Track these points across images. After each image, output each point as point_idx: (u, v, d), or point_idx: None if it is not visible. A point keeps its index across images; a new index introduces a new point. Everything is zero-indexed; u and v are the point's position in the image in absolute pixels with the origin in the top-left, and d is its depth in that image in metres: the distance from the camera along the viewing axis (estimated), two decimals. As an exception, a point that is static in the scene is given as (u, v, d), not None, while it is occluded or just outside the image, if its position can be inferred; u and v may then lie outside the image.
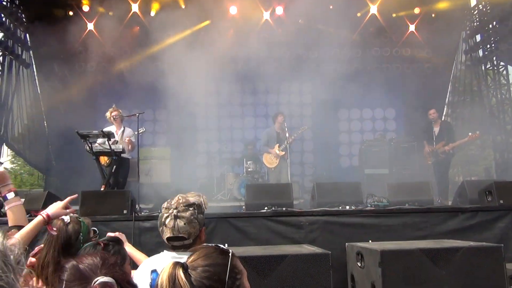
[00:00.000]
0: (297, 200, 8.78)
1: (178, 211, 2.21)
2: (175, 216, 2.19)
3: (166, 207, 2.26)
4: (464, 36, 12.76)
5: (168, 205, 2.27)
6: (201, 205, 2.31)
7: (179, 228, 2.18)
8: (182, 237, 2.19)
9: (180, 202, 2.25)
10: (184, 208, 2.22)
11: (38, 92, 11.73)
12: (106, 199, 5.71)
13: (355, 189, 6.47)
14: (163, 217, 2.23)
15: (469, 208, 5.76)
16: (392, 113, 13.56)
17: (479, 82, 12.65)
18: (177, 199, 2.28)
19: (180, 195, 2.32)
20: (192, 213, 2.22)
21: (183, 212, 2.21)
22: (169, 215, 2.21)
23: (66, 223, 2.61)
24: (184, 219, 2.19)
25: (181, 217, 2.19)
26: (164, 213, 2.24)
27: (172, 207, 2.23)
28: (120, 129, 7.75)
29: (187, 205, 2.24)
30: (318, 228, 5.51)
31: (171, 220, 2.19)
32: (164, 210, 2.26)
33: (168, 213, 2.22)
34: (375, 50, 12.09)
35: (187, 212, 2.21)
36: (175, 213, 2.20)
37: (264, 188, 6.85)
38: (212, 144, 12.89)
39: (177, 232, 2.18)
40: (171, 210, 2.22)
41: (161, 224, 2.24)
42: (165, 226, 2.21)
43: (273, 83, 12.92)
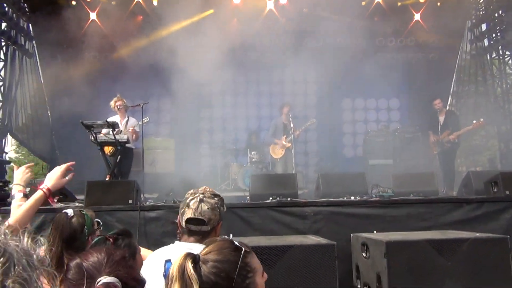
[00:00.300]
0: (301, 190, 8.77)
1: (204, 196, 2.28)
2: (201, 199, 2.26)
3: (192, 193, 2.32)
4: (469, 25, 12.63)
5: (194, 191, 2.34)
6: (224, 201, 2.39)
7: (202, 211, 2.23)
8: (202, 221, 2.23)
9: (207, 190, 2.34)
10: (210, 195, 2.31)
11: (41, 82, 11.72)
12: (111, 189, 5.72)
13: (360, 179, 6.46)
14: (187, 200, 2.29)
15: (475, 199, 5.74)
16: (396, 103, 13.50)
17: (484, 72, 12.56)
18: (205, 187, 2.37)
19: (207, 186, 2.41)
20: (216, 202, 2.30)
21: (209, 198, 2.28)
22: (195, 198, 2.27)
23: (69, 217, 2.60)
24: (209, 204, 2.26)
25: (206, 201, 2.26)
26: (189, 197, 2.30)
27: (199, 192, 2.31)
28: (124, 119, 7.75)
29: (213, 194, 2.33)
30: (323, 218, 5.50)
31: (196, 202, 2.25)
32: (190, 195, 2.32)
33: (194, 196, 2.28)
34: (380, 40, 12.00)
35: (213, 199, 2.29)
36: (201, 197, 2.27)
37: (269, 178, 6.84)
38: (216, 134, 12.88)
39: (199, 214, 2.22)
40: (198, 194, 2.29)
41: (183, 206, 2.29)
42: (187, 207, 2.26)
43: (277, 72, 12.88)
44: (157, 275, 1.91)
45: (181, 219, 2.29)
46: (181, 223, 2.28)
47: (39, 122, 11.71)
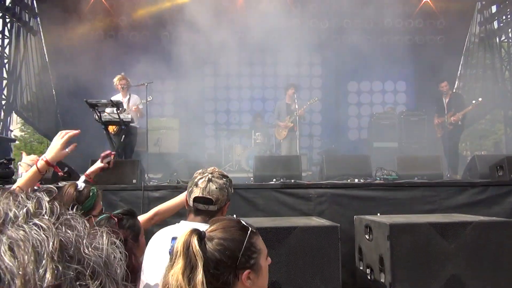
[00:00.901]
0: (306, 172, 8.79)
1: (213, 176, 2.28)
2: (209, 179, 2.26)
3: (201, 172, 2.33)
4: (479, 7, 12.41)
5: (203, 170, 2.34)
6: (232, 183, 2.38)
7: (210, 190, 2.23)
8: (210, 200, 2.23)
9: (216, 171, 2.34)
10: (219, 175, 2.31)
11: (46, 60, 11.66)
12: (116, 169, 5.71)
13: (364, 162, 6.44)
14: (196, 179, 2.29)
15: (480, 183, 5.72)
16: (402, 86, 13.38)
17: (493, 55, 12.38)
18: (213, 168, 2.38)
19: (215, 167, 2.41)
20: (225, 182, 2.30)
21: (217, 179, 2.28)
22: (203, 177, 2.27)
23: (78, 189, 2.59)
24: (217, 184, 2.26)
25: (215, 181, 2.26)
26: (197, 176, 2.30)
27: (207, 172, 2.31)
28: (126, 97, 7.72)
29: (222, 175, 2.33)
30: (326, 200, 5.51)
31: (205, 181, 2.25)
32: (199, 174, 2.32)
33: (203, 176, 2.29)
34: (388, 21, 11.80)
35: (221, 180, 2.29)
36: (209, 177, 2.27)
37: (273, 160, 6.84)
38: (220, 115, 12.85)
39: (207, 193, 2.23)
40: (206, 174, 2.29)
41: (192, 184, 2.29)
42: (195, 186, 2.26)
43: (282, 54, 12.74)
44: (163, 252, 1.92)
45: (188, 197, 2.29)
46: (189, 202, 2.29)
47: (44, 100, 11.70)
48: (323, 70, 13.13)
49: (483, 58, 12.72)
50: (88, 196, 2.59)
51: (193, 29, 10.10)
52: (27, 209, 0.62)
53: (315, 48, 12.27)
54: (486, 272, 4.01)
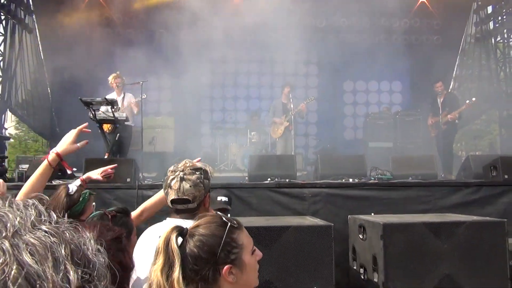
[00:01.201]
0: (300, 172, 8.79)
1: (184, 174, 2.20)
2: (181, 178, 2.19)
3: (173, 170, 2.25)
4: (475, 8, 12.44)
5: (174, 168, 2.26)
6: (208, 171, 2.31)
7: (185, 190, 2.17)
8: (187, 200, 2.18)
9: (187, 166, 2.25)
10: (191, 171, 2.22)
11: (41, 58, 11.61)
12: (110, 167, 5.71)
13: (359, 161, 6.45)
14: (168, 179, 2.22)
15: (473, 183, 5.75)
16: (398, 86, 13.40)
17: (488, 56, 12.42)
18: (184, 163, 2.29)
19: (187, 160, 2.33)
20: (198, 176, 2.22)
21: (189, 175, 2.20)
22: (175, 177, 2.20)
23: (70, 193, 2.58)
24: (190, 182, 2.18)
25: (187, 179, 2.19)
26: (170, 176, 2.23)
27: (178, 170, 2.23)
28: (120, 95, 7.70)
29: (193, 169, 2.24)
30: (321, 200, 5.51)
31: (177, 182, 2.18)
32: (170, 173, 2.25)
33: (174, 175, 2.21)
34: (384, 20, 11.81)
35: (194, 175, 2.21)
36: (181, 175, 2.19)
37: (268, 159, 6.83)
38: (216, 113, 12.84)
39: (182, 194, 2.17)
40: (178, 173, 2.21)
41: (166, 186, 2.23)
42: (170, 188, 2.20)
43: (279, 52, 12.72)
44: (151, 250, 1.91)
45: (166, 199, 2.25)
46: (168, 203, 2.25)
47: (39, 98, 11.65)
48: (319, 69, 13.13)
49: (479, 58, 12.75)
50: (78, 201, 2.57)
51: (189, 27, 10.08)
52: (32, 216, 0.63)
53: (312, 47, 12.26)
54: (479, 272, 4.02)
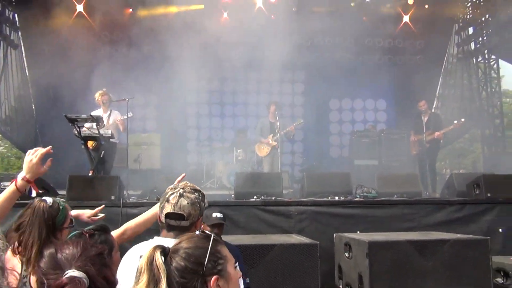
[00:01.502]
0: (287, 189, 8.78)
1: (184, 191, 2.24)
2: (181, 194, 2.22)
3: (173, 187, 2.29)
4: (456, 29, 12.76)
5: (174, 185, 2.31)
6: (205, 196, 2.35)
7: (182, 206, 2.20)
8: (182, 215, 2.20)
9: (188, 185, 2.30)
10: (191, 190, 2.27)
11: (26, 74, 11.52)
12: (94, 185, 5.65)
13: (345, 179, 6.48)
14: (167, 195, 2.25)
15: (457, 201, 5.81)
16: (383, 104, 13.58)
17: (470, 75, 12.70)
18: (185, 183, 2.34)
19: (187, 182, 2.38)
20: (196, 196, 2.26)
21: (189, 193, 2.24)
22: (175, 193, 2.24)
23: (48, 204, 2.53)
24: (189, 199, 2.22)
25: (187, 196, 2.23)
26: (169, 191, 2.27)
27: (179, 187, 2.28)
28: (107, 112, 7.65)
29: (193, 189, 2.29)
30: (307, 218, 5.51)
31: (176, 197, 2.22)
32: (170, 189, 2.28)
33: (174, 191, 2.25)
34: (368, 40, 12.03)
35: (193, 194, 2.25)
36: (181, 192, 2.23)
37: (254, 177, 6.83)
38: (202, 131, 12.84)
39: (178, 208, 2.19)
40: (178, 189, 2.25)
41: (163, 200, 2.25)
42: (167, 202, 2.23)
43: (265, 71, 12.85)
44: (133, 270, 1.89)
45: (160, 214, 2.26)
46: (161, 218, 2.26)
47: (23, 115, 11.52)
48: (305, 88, 13.27)
49: (461, 78, 13.03)
50: (59, 210, 2.54)
51: (176, 45, 10.12)
52: None
53: (298, 66, 12.41)
54: (463, 290, 4.05)
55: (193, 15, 10.84)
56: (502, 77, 14.01)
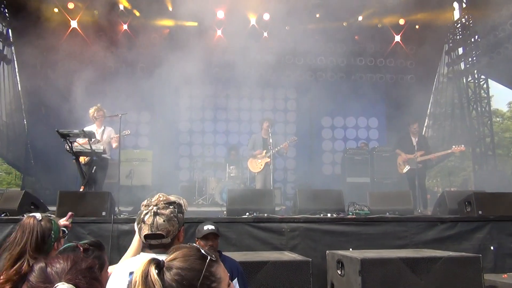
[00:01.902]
0: (279, 206, 8.77)
1: (158, 208, 2.16)
2: (155, 213, 2.15)
3: (146, 205, 2.21)
4: (446, 49, 12.97)
5: (148, 202, 2.22)
6: (182, 205, 2.28)
7: (158, 225, 2.13)
8: (160, 235, 2.14)
9: (161, 200, 2.21)
10: (164, 205, 2.18)
11: (18, 89, 11.49)
12: (85, 200, 5.60)
13: (337, 197, 6.48)
14: (142, 214, 2.18)
15: (449, 218, 5.82)
16: (375, 123, 13.68)
17: (460, 95, 12.86)
18: (158, 197, 2.24)
19: (160, 194, 2.28)
20: (172, 211, 2.19)
21: (163, 210, 2.16)
22: (149, 212, 2.16)
23: (38, 220, 2.52)
24: (164, 216, 2.15)
25: (161, 214, 2.15)
26: (143, 210, 2.19)
27: (152, 204, 2.19)
28: (100, 128, 7.63)
29: (167, 203, 2.21)
30: (299, 235, 5.49)
31: (150, 216, 2.14)
32: (144, 207, 2.20)
33: (148, 210, 2.17)
34: (360, 60, 12.18)
35: (167, 209, 2.18)
36: (154, 210, 2.15)
37: (246, 193, 6.81)
38: (195, 147, 12.83)
39: (155, 229, 2.12)
40: (151, 207, 2.17)
41: (139, 221, 2.18)
42: (143, 223, 2.15)
43: (258, 88, 12.94)
44: (123, 286, 1.86)
45: (139, 234, 2.19)
46: (141, 238, 2.19)
47: (14, 130, 11.44)
48: (298, 105, 13.36)
49: (452, 97, 13.20)
50: (52, 225, 2.53)
51: (169, 62, 10.17)
52: None
53: (290, 83, 12.51)
54: (456, 308, 4.03)
55: (187, 33, 10.94)
56: (492, 97, 14.20)
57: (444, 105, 13.58)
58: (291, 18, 10.60)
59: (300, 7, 10.32)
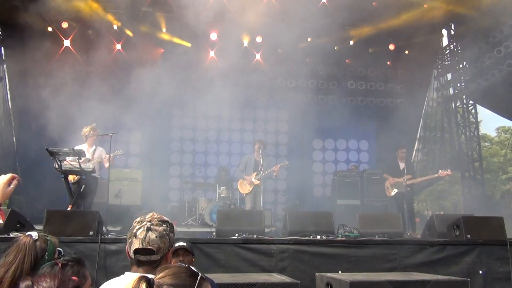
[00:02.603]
0: (269, 228, 8.72)
1: (151, 224, 2.17)
2: (148, 228, 2.15)
3: (139, 221, 2.21)
4: (435, 74, 13.20)
5: (141, 219, 2.23)
6: (173, 226, 2.29)
7: (150, 240, 2.13)
8: (151, 250, 2.13)
9: (155, 217, 2.22)
10: (158, 222, 2.19)
11: (9, 107, 11.43)
12: (72, 219, 5.53)
13: (327, 218, 6.47)
14: (134, 229, 2.18)
15: (437, 242, 5.83)
16: (365, 145, 13.78)
17: (449, 119, 13.04)
18: (152, 214, 2.26)
19: (154, 212, 2.30)
20: (165, 228, 2.19)
21: (156, 226, 2.17)
22: (142, 227, 2.16)
23: (34, 239, 2.49)
24: (157, 232, 2.15)
25: (154, 230, 2.15)
26: (136, 225, 2.19)
27: (146, 220, 2.20)
28: (91, 147, 7.60)
29: (161, 221, 2.22)
30: (288, 257, 5.46)
31: (143, 231, 2.14)
32: (137, 223, 2.21)
33: (141, 225, 2.17)
34: (351, 83, 12.33)
35: (161, 227, 2.18)
36: (148, 225, 2.16)
37: (236, 214, 6.78)
38: (185, 167, 12.79)
39: (147, 243, 2.12)
40: (145, 223, 2.18)
41: (131, 235, 2.18)
42: (135, 238, 2.15)
43: (250, 110, 13.04)
44: None
45: (129, 249, 2.18)
46: (130, 254, 2.18)
47: (2, 148, 11.33)
48: (289, 127, 13.44)
49: (441, 121, 13.37)
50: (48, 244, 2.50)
51: (161, 82, 10.23)
52: None
53: (282, 105, 12.61)
54: (444, 332, 4.00)
55: (180, 53, 11.03)
56: (480, 122, 14.42)
57: (434, 129, 13.75)
58: (283, 41, 10.76)
59: (292, 31, 10.49)
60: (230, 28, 10.34)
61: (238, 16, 9.63)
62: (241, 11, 9.48)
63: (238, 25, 10.08)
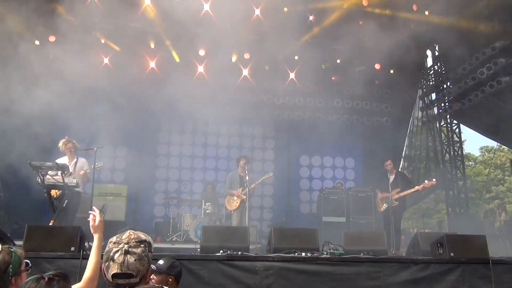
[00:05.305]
0: (254, 244, 8.67)
1: (129, 246, 2.09)
2: (126, 251, 2.07)
3: (116, 242, 2.12)
4: (420, 94, 13.41)
5: (118, 239, 2.14)
6: (151, 243, 2.22)
7: (129, 264, 2.05)
8: (130, 274, 2.06)
9: (132, 238, 2.14)
10: (136, 244, 2.12)
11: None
12: (53, 235, 5.42)
13: (312, 236, 6.44)
14: (111, 252, 2.08)
15: (421, 260, 5.83)
16: (351, 163, 13.87)
17: (434, 138, 13.21)
18: (128, 234, 2.17)
19: (131, 231, 2.22)
20: (143, 249, 2.12)
21: (134, 248, 2.09)
22: (119, 250, 2.07)
23: None
24: (135, 255, 2.07)
25: (132, 252, 2.07)
26: (112, 248, 2.10)
27: (123, 242, 2.11)
28: (73, 160, 7.51)
29: (139, 241, 2.14)
30: (273, 274, 5.40)
31: (121, 255, 2.06)
32: (113, 244, 2.11)
33: (118, 247, 2.08)
34: (337, 101, 12.45)
35: (139, 248, 2.11)
36: (126, 248, 2.07)
37: (221, 231, 6.72)
38: (171, 183, 12.69)
39: (126, 268, 2.04)
40: (122, 245, 2.09)
41: (108, 259, 2.08)
42: (112, 261, 2.06)
43: (236, 126, 13.05)
44: None
45: (106, 272, 2.09)
46: (107, 277, 2.08)
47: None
48: (276, 143, 13.48)
49: (426, 140, 13.55)
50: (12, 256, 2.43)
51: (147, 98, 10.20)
52: None
53: (269, 122, 12.66)
54: None
55: (168, 69, 11.04)
56: (464, 141, 14.65)
57: (419, 147, 13.91)
58: (270, 58, 10.85)
59: (279, 48, 10.61)
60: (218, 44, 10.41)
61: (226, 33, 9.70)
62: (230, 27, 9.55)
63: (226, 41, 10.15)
